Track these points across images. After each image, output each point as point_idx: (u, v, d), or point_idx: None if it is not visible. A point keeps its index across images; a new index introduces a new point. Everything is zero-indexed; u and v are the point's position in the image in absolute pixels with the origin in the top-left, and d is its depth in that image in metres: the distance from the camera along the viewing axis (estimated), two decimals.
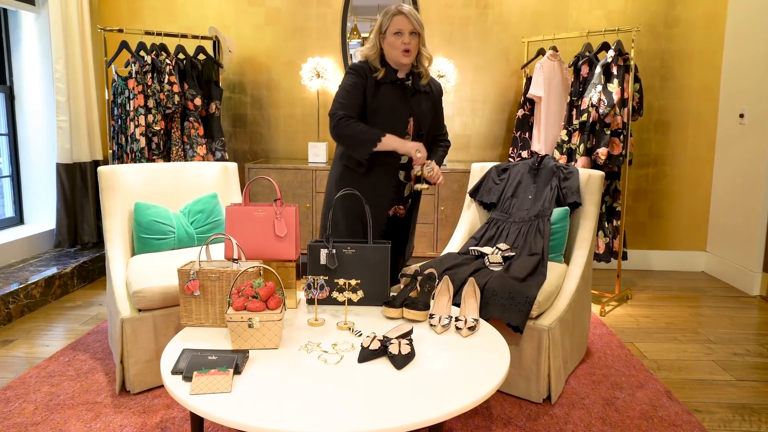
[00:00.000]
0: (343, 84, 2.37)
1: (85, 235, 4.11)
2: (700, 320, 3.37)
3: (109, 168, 2.77)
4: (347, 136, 2.33)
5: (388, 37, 2.33)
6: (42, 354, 2.78)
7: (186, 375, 1.62)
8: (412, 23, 2.31)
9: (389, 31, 2.32)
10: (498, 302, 2.28)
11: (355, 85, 2.35)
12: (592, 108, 3.46)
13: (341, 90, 2.36)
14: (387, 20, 2.32)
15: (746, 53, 3.96)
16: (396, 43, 2.31)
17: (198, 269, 2.02)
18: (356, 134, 2.30)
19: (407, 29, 2.31)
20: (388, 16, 2.32)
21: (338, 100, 2.35)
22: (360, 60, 2.43)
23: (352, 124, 2.31)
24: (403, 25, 2.30)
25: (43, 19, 4.06)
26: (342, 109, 2.32)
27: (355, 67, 2.38)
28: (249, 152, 4.51)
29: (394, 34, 2.31)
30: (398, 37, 2.31)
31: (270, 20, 4.36)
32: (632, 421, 2.21)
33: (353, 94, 2.34)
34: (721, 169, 4.24)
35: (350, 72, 2.38)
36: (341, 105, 2.33)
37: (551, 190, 2.76)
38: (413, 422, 1.43)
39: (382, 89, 2.38)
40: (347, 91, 2.34)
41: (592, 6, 4.23)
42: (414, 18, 2.32)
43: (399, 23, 2.30)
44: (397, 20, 2.31)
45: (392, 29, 2.31)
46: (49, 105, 4.10)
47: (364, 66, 2.38)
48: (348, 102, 2.33)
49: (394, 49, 2.33)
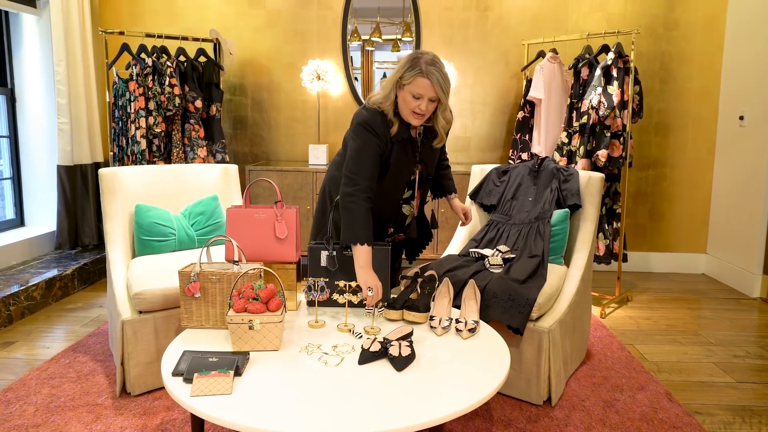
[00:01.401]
0: (364, 145, 2.10)
1: (86, 237, 4.11)
2: (701, 322, 3.37)
3: (109, 170, 2.77)
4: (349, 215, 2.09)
5: (405, 92, 2.06)
6: (42, 356, 2.78)
7: (187, 377, 1.62)
8: (435, 90, 2.02)
9: (408, 88, 2.04)
10: (498, 304, 2.28)
11: (376, 149, 2.10)
12: (592, 110, 3.46)
13: (363, 153, 2.09)
14: (410, 77, 2.02)
15: (746, 56, 3.97)
16: (411, 104, 2.05)
17: (199, 271, 2.02)
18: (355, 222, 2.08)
19: (428, 95, 2.03)
20: (411, 73, 2.02)
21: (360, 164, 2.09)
22: (373, 109, 2.13)
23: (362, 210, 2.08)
24: (424, 90, 2.02)
25: (44, 21, 4.07)
26: (365, 180, 2.08)
27: (375, 127, 2.10)
28: (249, 154, 4.52)
29: (413, 96, 2.04)
30: (415, 99, 2.04)
31: (270, 22, 4.37)
32: (632, 423, 2.21)
33: (373, 160, 2.10)
34: (721, 171, 4.24)
35: (370, 131, 2.10)
36: (365, 175, 2.08)
37: (551, 192, 2.77)
38: (414, 424, 1.43)
39: (394, 148, 2.16)
40: (370, 156, 2.09)
41: (592, 8, 4.23)
42: (439, 84, 2.02)
43: (421, 86, 2.02)
44: (421, 83, 2.01)
45: (412, 89, 2.03)
46: (50, 107, 4.11)
47: (383, 124, 2.11)
48: (371, 170, 2.09)
49: (406, 106, 2.07)
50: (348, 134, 2.23)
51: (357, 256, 2.08)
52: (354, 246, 2.08)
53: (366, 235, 2.07)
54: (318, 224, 2.45)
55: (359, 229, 2.07)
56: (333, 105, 4.43)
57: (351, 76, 4.38)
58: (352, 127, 2.17)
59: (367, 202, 2.10)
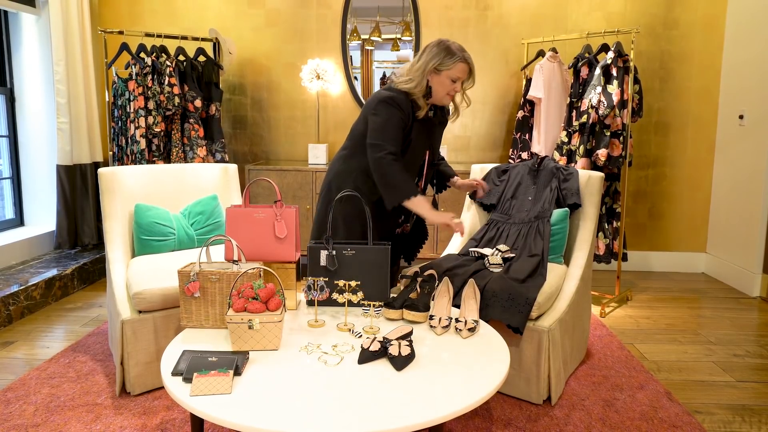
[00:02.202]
0: (388, 117, 2.21)
1: (86, 237, 4.11)
2: (700, 321, 3.37)
3: (109, 170, 2.77)
4: (387, 176, 2.18)
5: (442, 77, 2.23)
6: (42, 356, 2.78)
7: (186, 376, 1.62)
8: (472, 72, 2.27)
9: (447, 74, 2.22)
10: (498, 303, 2.28)
11: (400, 122, 2.22)
12: (591, 109, 3.46)
13: (388, 123, 2.20)
14: (451, 63, 2.21)
15: (745, 55, 3.97)
16: (449, 87, 2.25)
17: (198, 271, 2.02)
18: (396, 180, 2.18)
19: (464, 77, 2.27)
20: (452, 60, 2.21)
21: (386, 133, 2.20)
22: (400, 91, 2.25)
23: (397, 167, 2.18)
24: (463, 73, 2.25)
25: (43, 21, 4.07)
26: (392, 145, 2.19)
27: (400, 103, 2.22)
28: (249, 154, 4.52)
29: (452, 79, 2.24)
30: (452, 82, 2.24)
31: (270, 22, 4.36)
32: (632, 423, 2.21)
33: (398, 131, 2.22)
34: (721, 171, 4.24)
35: (395, 106, 2.22)
36: (391, 140, 2.19)
37: (551, 192, 2.77)
38: (413, 423, 1.43)
39: (414, 126, 2.28)
40: (394, 126, 2.20)
41: (592, 8, 4.23)
42: (473, 68, 2.27)
43: (460, 71, 2.23)
44: (460, 68, 2.23)
45: (452, 74, 2.23)
46: (49, 107, 4.11)
47: (407, 102, 2.24)
48: (396, 138, 2.21)
49: (443, 88, 2.25)
50: (364, 115, 2.30)
51: (417, 206, 2.19)
52: (408, 201, 2.17)
53: (412, 188, 2.18)
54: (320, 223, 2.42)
55: (404, 185, 2.18)
56: (332, 104, 4.43)
57: (351, 75, 4.38)
58: (373, 105, 2.25)
59: (399, 162, 2.19)
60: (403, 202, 2.18)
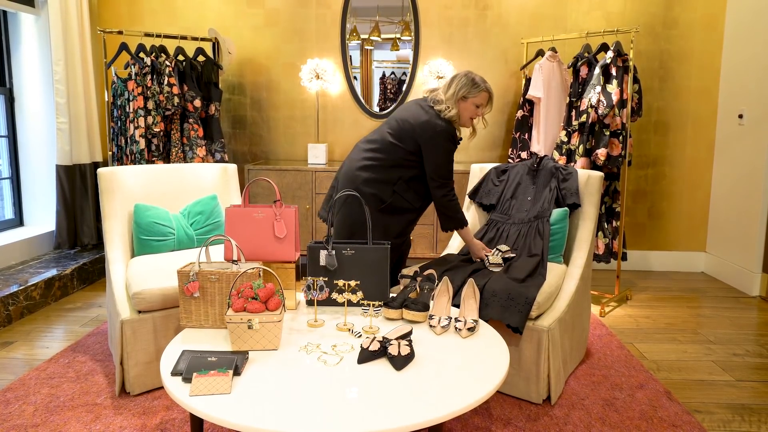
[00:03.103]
0: (449, 151, 2.57)
1: (85, 237, 4.11)
2: (700, 321, 3.37)
3: (108, 170, 2.77)
4: (450, 211, 2.60)
5: (468, 104, 2.56)
6: (42, 356, 2.78)
7: (186, 376, 1.62)
8: (491, 99, 2.62)
9: (472, 101, 2.56)
10: (497, 303, 2.28)
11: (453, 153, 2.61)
12: (591, 109, 3.46)
13: (449, 159, 2.58)
14: (476, 92, 2.55)
15: (745, 54, 3.97)
16: (472, 112, 2.58)
17: (198, 271, 2.02)
18: (455, 213, 2.61)
19: (485, 104, 2.60)
20: (477, 89, 2.55)
21: (447, 165, 2.58)
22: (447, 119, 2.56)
23: (457, 204, 2.62)
24: (484, 101, 2.59)
25: (42, 20, 4.06)
26: (452, 181, 2.61)
27: (454, 136, 2.58)
28: (248, 154, 4.52)
29: (476, 105, 2.57)
30: (476, 108, 2.58)
31: (269, 22, 4.36)
32: (632, 422, 2.21)
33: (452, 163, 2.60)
34: (721, 170, 4.24)
35: (452, 141, 2.58)
36: (448, 174, 2.59)
37: (550, 191, 2.76)
38: (413, 423, 1.43)
39: None
40: (451, 158, 2.59)
41: (591, 7, 4.23)
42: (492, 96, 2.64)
43: (483, 98, 2.58)
44: (484, 96, 2.57)
45: (476, 101, 2.56)
46: (48, 107, 4.10)
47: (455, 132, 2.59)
48: (451, 170, 2.60)
49: (467, 113, 2.59)
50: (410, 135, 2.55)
51: (466, 234, 2.66)
52: (461, 230, 2.65)
53: (465, 220, 2.65)
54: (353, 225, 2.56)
55: (462, 219, 2.63)
56: (332, 104, 4.43)
57: (350, 75, 4.38)
58: (432, 135, 2.52)
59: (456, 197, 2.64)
60: (459, 229, 2.64)
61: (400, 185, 2.56)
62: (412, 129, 2.53)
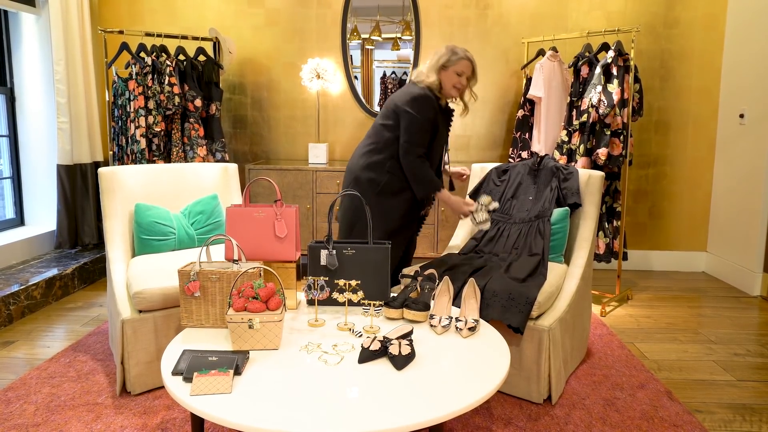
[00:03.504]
0: (418, 114, 2.54)
1: (86, 237, 4.11)
2: (701, 320, 3.37)
3: (109, 169, 2.77)
4: (419, 175, 2.58)
5: (449, 72, 2.59)
6: (43, 355, 2.78)
7: (186, 376, 1.62)
8: (473, 68, 2.63)
9: (453, 69, 2.58)
10: (498, 303, 2.28)
11: (430, 122, 2.57)
12: (592, 108, 3.46)
13: (417, 122, 2.54)
14: (455, 60, 2.58)
15: (746, 54, 3.96)
16: (454, 80, 2.60)
17: (198, 270, 2.02)
18: (425, 178, 2.58)
19: (467, 74, 2.61)
20: (456, 57, 2.58)
21: (415, 133, 2.55)
22: (425, 88, 2.59)
23: (426, 167, 2.58)
24: (466, 68, 2.60)
25: (43, 20, 4.06)
26: (420, 146, 2.56)
27: (428, 99, 2.56)
28: (249, 153, 4.52)
29: (457, 73, 2.59)
30: (458, 76, 2.60)
31: (270, 21, 4.36)
32: (633, 422, 2.21)
33: (427, 128, 2.57)
34: (721, 170, 4.24)
35: (424, 103, 2.55)
36: (417, 141, 2.55)
37: (551, 191, 2.76)
38: (413, 423, 1.43)
39: (439, 117, 2.63)
40: (422, 125, 2.55)
41: (592, 7, 4.23)
42: (475, 66, 2.65)
43: (464, 66, 2.59)
44: (464, 63, 2.59)
45: (456, 68, 2.58)
46: (49, 106, 4.10)
47: (432, 97, 2.58)
48: (422, 137, 2.57)
49: (449, 81, 2.60)
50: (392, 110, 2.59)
51: (444, 197, 2.64)
52: (437, 193, 2.62)
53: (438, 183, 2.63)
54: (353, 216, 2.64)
55: (434, 181, 2.60)
56: (333, 104, 4.43)
57: (351, 74, 4.38)
58: (409, 100, 2.55)
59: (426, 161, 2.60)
60: (435, 192, 2.61)
61: (392, 164, 2.60)
62: (394, 104, 2.60)
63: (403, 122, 2.55)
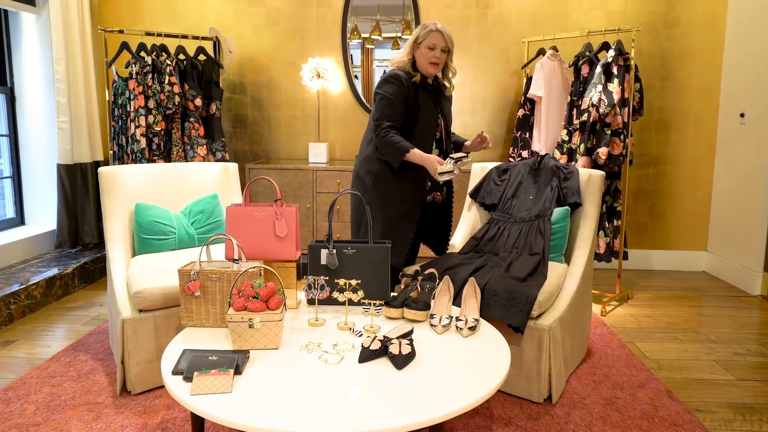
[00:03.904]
0: (385, 92, 2.55)
1: (86, 236, 4.11)
2: (701, 320, 3.37)
3: (109, 169, 2.77)
4: (385, 145, 2.54)
5: (421, 48, 2.56)
6: (43, 354, 2.78)
7: (187, 375, 1.62)
8: (446, 41, 2.57)
9: (424, 44, 2.55)
10: (498, 303, 2.28)
11: (396, 94, 2.54)
12: (592, 108, 3.46)
13: (385, 99, 2.54)
14: (424, 34, 2.55)
15: (746, 53, 3.96)
16: (428, 55, 2.56)
17: (198, 270, 2.02)
18: (391, 145, 2.53)
19: (440, 45, 2.56)
20: (425, 31, 2.56)
21: (382, 109, 2.55)
22: (394, 69, 2.61)
23: (391, 135, 2.53)
24: (437, 41, 2.55)
25: (43, 20, 4.06)
26: (387, 119, 2.54)
27: (396, 76, 2.56)
28: (249, 153, 4.51)
29: (428, 47, 2.55)
30: (431, 50, 2.55)
31: (270, 21, 4.36)
32: (633, 421, 2.21)
33: (396, 103, 2.54)
34: (722, 169, 4.24)
35: (392, 81, 2.55)
36: (385, 114, 2.55)
37: (552, 191, 2.76)
38: (414, 422, 1.43)
39: (419, 94, 2.60)
40: (390, 100, 2.54)
41: (592, 6, 4.23)
42: (447, 37, 2.57)
43: (434, 39, 2.55)
44: (434, 36, 2.55)
45: (427, 43, 2.55)
46: (49, 106, 4.10)
47: (401, 74, 2.57)
48: (391, 111, 2.54)
49: (424, 58, 2.57)
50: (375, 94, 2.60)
51: (415, 156, 2.50)
52: (407, 155, 2.51)
53: (407, 145, 2.51)
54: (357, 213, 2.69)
55: (401, 145, 2.51)
56: (333, 103, 4.43)
57: (351, 74, 4.37)
58: (379, 82, 2.59)
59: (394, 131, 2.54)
60: (404, 156, 2.50)
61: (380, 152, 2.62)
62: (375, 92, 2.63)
63: (375, 100, 2.59)
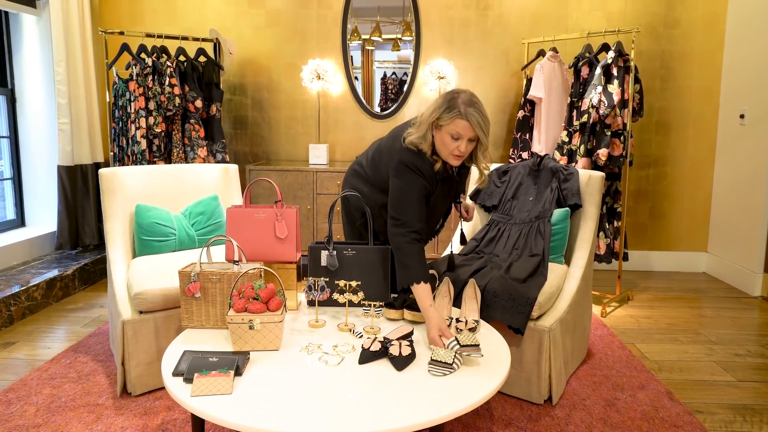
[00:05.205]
0: (410, 186, 2.06)
1: (87, 238, 4.11)
2: (701, 321, 3.37)
3: (110, 170, 2.77)
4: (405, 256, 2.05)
5: (443, 133, 2.02)
6: (43, 356, 2.78)
7: (187, 377, 1.62)
8: (475, 131, 1.98)
9: (446, 129, 2.00)
10: (499, 304, 2.28)
11: (423, 192, 2.08)
12: (592, 109, 3.46)
13: (411, 194, 2.06)
14: (448, 118, 1.98)
15: (746, 54, 3.96)
16: (450, 146, 2.01)
17: (199, 271, 2.02)
18: (411, 262, 2.04)
19: (467, 136, 2.00)
20: (450, 115, 1.97)
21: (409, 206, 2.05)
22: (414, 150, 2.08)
23: (416, 249, 2.04)
24: (464, 131, 1.98)
25: (44, 21, 4.07)
26: (416, 221, 2.06)
27: (423, 170, 2.07)
28: (250, 154, 4.52)
29: (452, 136, 2.00)
30: (454, 140, 2.00)
31: (270, 22, 4.36)
32: (633, 422, 2.21)
33: (421, 200, 2.08)
34: (722, 170, 4.24)
35: (419, 174, 2.07)
36: (415, 216, 2.06)
37: (552, 192, 2.76)
38: (414, 423, 1.43)
39: (437, 186, 2.16)
40: (417, 196, 2.07)
41: (592, 7, 4.23)
42: (479, 125, 1.97)
43: (460, 127, 1.98)
44: (460, 124, 1.97)
45: (450, 129, 1.99)
46: (50, 107, 4.11)
47: (427, 164, 2.07)
48: (422, 215, 2.08)
49: (445, 147, 2.03)
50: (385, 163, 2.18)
51: (419, 295, 2.00)
52: (414, 286, 2.00)
53: (424, 274, 2.02)
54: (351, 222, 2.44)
55: (417, 269, 2.01)
56: (333, 104, 4.43)
57: (351, 75, 4.38)
58: (395, 165, 2.10)
59: (420, 242, 2.07)
60: (411, 284, 2.02)
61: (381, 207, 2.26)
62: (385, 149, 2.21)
63: (390, 188, 2.11)
